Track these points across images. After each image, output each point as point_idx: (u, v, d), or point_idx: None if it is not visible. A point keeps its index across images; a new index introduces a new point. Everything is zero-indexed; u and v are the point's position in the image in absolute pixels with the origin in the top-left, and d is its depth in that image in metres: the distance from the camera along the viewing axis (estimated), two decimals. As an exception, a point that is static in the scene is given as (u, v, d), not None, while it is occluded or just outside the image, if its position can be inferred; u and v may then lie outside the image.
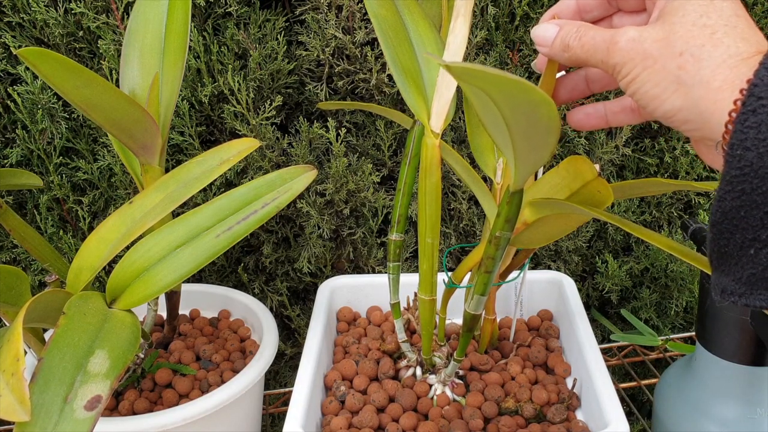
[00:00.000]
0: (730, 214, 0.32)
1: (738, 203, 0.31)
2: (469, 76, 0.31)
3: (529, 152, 0.39)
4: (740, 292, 0.33)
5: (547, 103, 0.33)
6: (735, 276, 0.33)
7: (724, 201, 0.32)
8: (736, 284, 0.33)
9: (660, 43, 0.34)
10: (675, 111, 0.34)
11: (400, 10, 0.53)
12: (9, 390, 0.36)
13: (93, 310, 0.46)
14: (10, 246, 0.77)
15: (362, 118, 0.79)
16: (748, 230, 0.32)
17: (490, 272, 0.49)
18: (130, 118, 0.52)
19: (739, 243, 0.32)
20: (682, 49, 0.33)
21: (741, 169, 0.31)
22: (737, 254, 0.32)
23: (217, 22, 0.73)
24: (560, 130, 0.37)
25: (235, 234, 0.52)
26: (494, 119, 0.36)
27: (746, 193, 0.31)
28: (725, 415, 0.59)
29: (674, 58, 0.33)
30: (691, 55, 0.33)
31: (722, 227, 0.32)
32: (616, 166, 0.85)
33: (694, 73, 0.32)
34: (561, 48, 0.38)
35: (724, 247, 0.33)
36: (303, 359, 0.60)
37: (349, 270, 0.84)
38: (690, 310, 0.91)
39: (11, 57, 0.71)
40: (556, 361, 0.64)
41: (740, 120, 0.30)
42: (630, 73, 0.35)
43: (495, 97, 0.33)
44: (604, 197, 0.45)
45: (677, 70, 0.33)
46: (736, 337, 0.57)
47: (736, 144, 0.31)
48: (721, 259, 0.33)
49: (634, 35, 0.34)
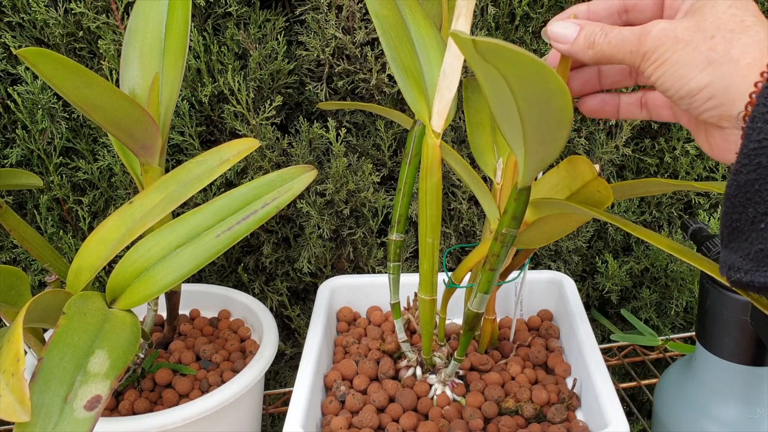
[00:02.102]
0: (744, 187, 0.32)
1: (754, 176, 0.32)
2: (493, 54, 0.31)
3: (540, 147, 0.39)
4: (746, 268, 0.34)
5: (562, 93, 0.33)
6: (743, 252, 0.34)
7: (740, 174, 0.33)
8: (744, 260, 0.34)
9: (692, 29, 0.35)
10: (701, 88, 0.35)
11: (402, 10, 0.53)
12: (9, 390, 0.36)
13: (93, 310, 0.46)
14: (10, 246, 0.77)
15: (362, 118, 0.79)
16: (761, 204, 0.32)
17: (494, 270, 0.49)
18: (130, 118, 0.52)
19: (751, 217, 0.33)
20: (714, 33, 0.34)
21: (760, 141, 0.31)
22: (748, 228, 0.33)
23: (217, 22, 0.73)
24: (572, 125, 0.37)
25: (235, 234, 0.52)
26: (507, 109, 0.36)
27: (762, 166, 0.32)
28: (725, 415, 0.59)
29: (706, 40, 0.34)
30: (723, 37, 0.34)
31: (736, 200, 0.33)
32: (616, 166, 0.85)
33: (725, 52, 0.34)
34: (586, 45, 0.39)
35: (736, 222, 0.33)
36: (303, 359, 0.60)
37: (349, 270, 0.84)
38: (690, 310, 0.91)
39: (11, 57, 0.71)
40: (556, 361, 0.64)
41: (764, 93, 0.31)
42: (661, 57, 0.36)
43: (511, 82, 0.33)
44: (604, 197, 0.45)
45: (708, 51, 0.34)
46: (736, 337, 0.57)
47: (757, 116, 0.31)
48: (732, 234, 0.34)
49: (666, 25, 0.36)
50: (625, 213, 0.86)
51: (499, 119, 0.39)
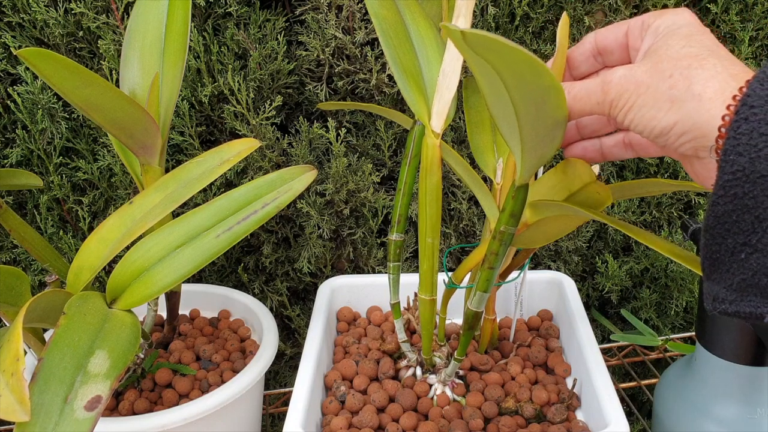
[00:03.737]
0: (722, 218, 0.33)
1: (730, 207, 0.32)
2: (482, 46, 0.31)
3: (537, 144, 0.39)
4: (731, 299, 0.34)
5: (557, 90, 0.33)
6: (726, 283, 0.34)
7: (717, 206, 0.33)
8: (727, 291, 0.34)
9: (650, 71, 0.36)
10: (671, 126, 0.35)
11: (401, 10, 0.53)
12: (9, 390, 0.36)
13: (93, 310, 0.46)
14: (10, 246, 0.77)
15: (362, 118, 0.79)
16: (739, 234, 0.33)
17: (493, 268, 0.49)
18: (130, 118, 0.52)
19: (730, 248, 0.33)
20: (672, 72, 0.35)
21: (734, 173, 0.32)
22: (728, 260, 0.33)
23: (217, 22, 0.73)
24: (567, 122, 0.37)
25: (235, 234, 0.52)
26: (503, 105, 0.36)
27: (738, 197, 0.32)
28: (725, 415, 0.59)
29: (665, 80, 0.35)
30: (680, 74, 0.35)
31: (715, 232, 0.33)
32: (616, 166, 0.85)
33: (685, 89, 0.34)
34: None
35: (716, 253, 0.34)
36: (303, 359, 0.60)
37: (349, 270, 0.84)
38: (690, 310, 0.91)
39: (11, 57, 0.71)
40: (556, 361, 0.64)
41: (733, 127, 0.32)
42: (626, 103, 0.36)
43: (504, 76, 0.33)
44: (603, 198, 0.45)
45: (669, 90, 0.35)
46: (736, 337, 0.57)
47: (729, 149, 0.32)
48: (713, 266, 0.34)
49: (625, 71, 0.37)
50: (625, 213, 0.86)
51: (495, 116, 0.39)
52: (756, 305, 0.33)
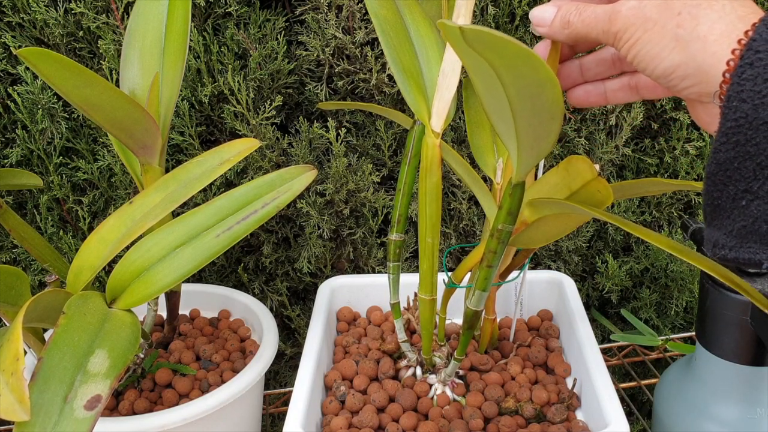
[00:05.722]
0: (724, 165, 0.33)
1: (732, 154, 0.32)
2: (480, 42, 0.31)
3: (533, 141, 0.39)
4: (731, 245, 0.34)
5: (552, 84, 0.33)
6: (726, 229, 0.34)
7: (719, 152, 0.33)
8: (727, 237, 0.34)
9: (660, 7, 0.35)
10: (674, 67, 0.35)
11: (401, 10, 0.53)
12: (9, 390, 0.36)
13: (93, 309, 0.46)
14: (10, 246, 0.77)
15: (362, 118, 0.79)
16: (740, 181, 0.32)
17: (491, 267, 0.49)
18: (131, 118, 0.52)
19: (732, 195, 0.33)
20: (680, 9, 0.34)
21: (736, 120, 0.32)
22: (730, 206, 0.33)
23: (217, 22, 0.73)
24: (563, 116, 0.37)
25: (235, 234, 0.52)
26: (498, 102, 0.36)
27: (740, 144, 0.32)
28: (725, 415, 0.59)
29: (672, 17, 0.34)
30: (689, 13, 0.34)
31: (716, 179, 0.33)
32: (616, 166, 0.85)
33: (691, 29, 0.34)
34: (561, 25, 0.39)
35: (717, 200, 0.34)
36: (303, 359, 0.60)
37: (349, 270, 0.84)
38: (690, 310, 0.91)
39: (11, 57, 0.71)
40: (556, 361, 0.64)
41: (737, 73, 0.31)
42: (632, 37, 0.36)
43: (501, 72, 0.33)
44: (604, 197, 0.45)
45: (675, 29, 0.34)
46: (736, 337, 0.57)
47: (732, 96, 0.32)
48: (715, 212, 0.34)
49: (635, 3, 0.36)
50: (625, 213, 0.86)
51: (490, 113, 0.39)
52: (755, 251, 0.33)
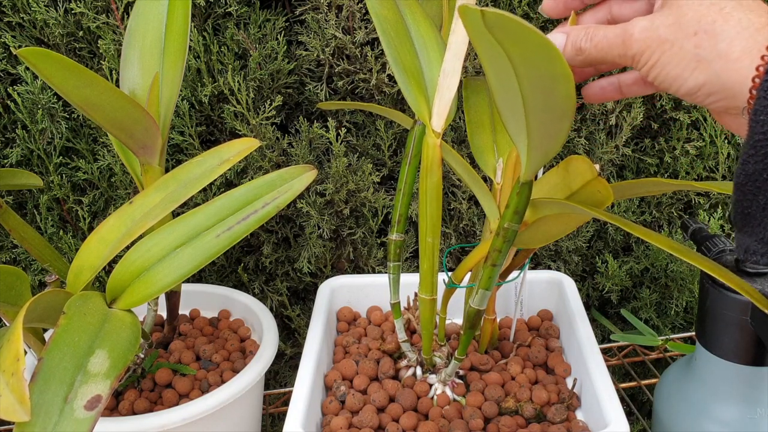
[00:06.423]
0: (753, 176, 0.33)
1: (761, 166, 0.33)
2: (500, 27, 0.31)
3: (543, 138, 0.39)
4: (762, 252, 0.35)
5: (567, 79, 0.33)
6: (758, 236, 0.35)
7: (747, 164, 0.33)
8: (759, 244, 0.35)
9: (673, 27, 0.35)
10: (698, 87, 0.35)
11: (402, 10, 0.53)
12: (9, 390, 0.36)
13: (93, 310, 0.46)
14: (10, 246, 0.77)
15: (362, 118, 0.79)
16: None
17: (496, 265, 0.49)
18: (131, 118, 0.52)
19: (761, 204, 0.34)
20: (696, 29, 0.34)
21: (764, 134, 0.32)
22: (760, 215, 0.34)
23: (217, 22, 0.73)
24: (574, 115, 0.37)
25: (235, 234, 0.52)
26: (512, 96, 0.36)
27: None
28: (725, 415, 0.59)
29: (689, 38, 0.34)
30: (705, 32, 0.34)
31: (746, 189, 0.34)
32: (616, 166, 0.85)
33: (711, 48, 0.34)
34: (574, 52, 0.39)
35: (747, 209, 0.35)
36: (303, 359, 0.60)
37: (349, 270, 0.84)
38: (690, 310, 0.91)
39: (11, 57, 0.71)
40: (556, 361, 0.64)
41: (763, 87, 0.32)
42: (650, 60, 0.36)
43: (516, 63, 0.33)
44: (604, 197, 0.45)
45: (694, 49, 0.34)
46: (736, 337, 0.57)
47: (759, 110, 0.32)
48: (745, 220, 0.35)
49: (646, 24, 0.36)
50: (625, 213, 0.86)
51: (501, 108, 0.39)
52: None
